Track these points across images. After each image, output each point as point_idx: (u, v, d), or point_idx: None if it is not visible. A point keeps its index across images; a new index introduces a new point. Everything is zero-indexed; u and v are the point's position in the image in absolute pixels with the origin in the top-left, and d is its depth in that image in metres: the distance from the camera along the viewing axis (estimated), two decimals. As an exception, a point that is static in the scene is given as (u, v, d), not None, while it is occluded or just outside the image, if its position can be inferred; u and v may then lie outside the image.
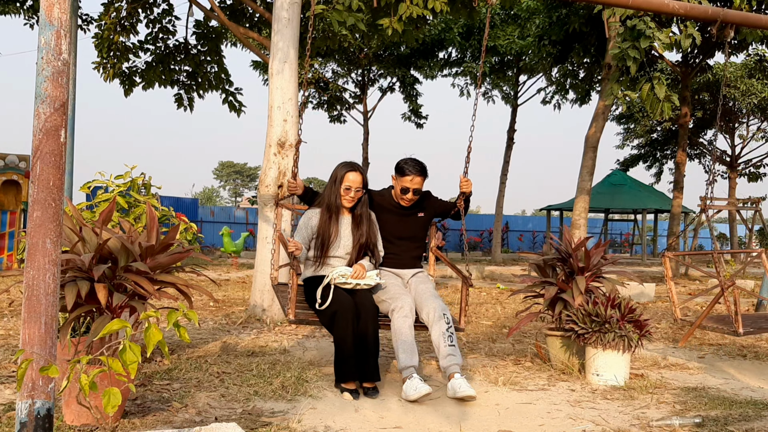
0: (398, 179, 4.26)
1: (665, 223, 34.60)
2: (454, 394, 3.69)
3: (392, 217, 4.31)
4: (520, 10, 17.38)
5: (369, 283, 3.96)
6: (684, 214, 23.81)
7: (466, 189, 4.26)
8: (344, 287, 3.92)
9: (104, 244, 3.25)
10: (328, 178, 4.22)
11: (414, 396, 3.64)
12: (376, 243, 4.23)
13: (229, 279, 11.32)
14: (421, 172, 4.23)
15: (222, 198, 75.92)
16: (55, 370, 2.11)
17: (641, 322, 4.25)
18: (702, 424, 3.33)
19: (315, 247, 4.13)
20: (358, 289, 3.95)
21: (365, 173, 4.17)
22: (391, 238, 4.30)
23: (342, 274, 3.91)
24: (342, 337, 3.79)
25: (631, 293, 9.52)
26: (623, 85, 9.95)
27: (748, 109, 20.36)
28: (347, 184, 4.09)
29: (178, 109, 11.94)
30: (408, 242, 4.35)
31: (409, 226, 4.35)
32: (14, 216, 11.49)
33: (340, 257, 4.11)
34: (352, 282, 3.91)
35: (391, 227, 4.30)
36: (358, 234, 4.12)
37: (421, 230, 4.41)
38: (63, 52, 2.28)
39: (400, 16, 7.54)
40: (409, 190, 4.22)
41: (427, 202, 4.40)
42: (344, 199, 4.11)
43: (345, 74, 21.89)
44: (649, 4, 3.92)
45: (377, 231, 4.25)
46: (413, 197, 4.26)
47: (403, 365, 3.81)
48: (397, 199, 4.31)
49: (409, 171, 4.21)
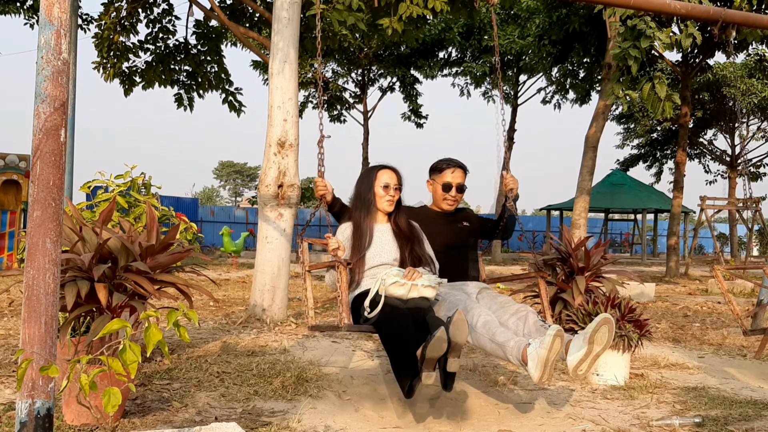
0: (437, 178, 3.85)
1: (665, 223, 34.61)
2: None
3: (437, 227, 3.77)
4: (520, 9, 17.40)
5: (428, 283, 3.21)
6: (684, 214, 23.82)
7: (513, 185, 3.73)
8: (396, 293, 3.17)
9: (104, 244, 3.24)
10: (355, 188, 3.64)
11: (547, 343, 2.84)
12: (426, 247, 3.59)
13: (229, 279, 11.32)
14: (461, 166, 3.84)
15: (222, 198, 75.98)
16: (55, 369, 2.11)
17: (641, 322, 4.25)
18: (702, 424, 3.33)
19: (352, 258, 3.43)
20: (412, 298, 3.18)
21: (400, 172, 3.64)
22: (439, 247, 3.67)
23: (394, 275, 3.20)
24: (401, 332, 2.99)
25: (631, 293, 9.52)
26: (624, 85, 9.96)
27: (748, 109, 20.37)
28: (384, 182, 3.54)
29: (178, 109, 11.95)
30: (457, 251, 3.82)
31: (458, 235, 3.83)
32: (14, 216, 11.49)
33: (387, 264, 3.44)
34: (408, 284, 3.17)
35: (439, 237, 3.73)
36: (404, 237, 3.53)
37: (470, 239, 3.89)
38: (63, 52, 2.28)
39: (400, 15, 7.55)
40: (452, 186, 3.79)
41: (469, 215, 3.99)
42: (383, 200, 3.54)
43: (345, 74, 21.90)
44: (650, 4, 3.91)
45: (423, 236, 3.63)
46: (457, 195, 3.82)
47: (513, 344, 3.01)
48: (439, 206, 3.88)
49: (447, 164, 3.82)
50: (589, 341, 2.90)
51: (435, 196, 3.90)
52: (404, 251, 3.49)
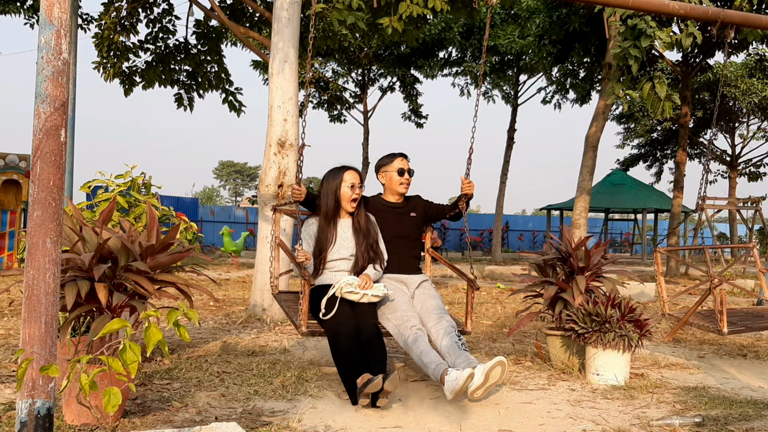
0: (389, 168, 4.27)
1: (665, 223, 34.62)
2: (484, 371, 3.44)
3: (387, 216, 4.28)
4: (520, 9, 17.38)
5: (377, 294, 3.81)
6: (684, 214, 23.82)
7: (468, 191, 4.24)
8: (350, 297, 3.76)
9: (104, 244, 3.25)
10: (322, 187, 4.13)
11: (461, 382, 3.37)
12: (379, 242, 4.14)
13: (229, 278, 11.32)
14: (404, 155, 4.31)
15: (222, 197, 75.96)
16: (55, 369, 2.11)
17: (641, 322, 4.25)
18: (702, 424, 3.33)
19: (314, 255, 4.03)
20: (363, 302, 3.79)
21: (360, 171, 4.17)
22: (390, 237, 4.25)
23: (350, 283, 3.76)
24: (346, 357, 3.60)
25: (631, 293, 9.52)
26: (624, 85, 9.96)
27: (749, 109, 20.37)
28: (351, 182, 4.03)
29: (178, 109, 11.95)
30: (405, 241, 4.30)
31: (405, 225, 4.31)
32: (14, 215, 11.49)
33: (345, 259, 4.01)
34: (360, 293, 3.75)
35: (388, 227, 4.26)
36: (361, 233, 4.04)
37: (416, 230, 4.37)
38: (63, 52, 2.28)
39: (400, 15, 7.55)
40: (405, 170, 4.24)
41: (417, 203, 4.40)
42: (348, 201, 4.03)
43: (345, 74, 21.89)
44: (649, 4, 3.91)
45: (378, 230, 4.19)
46: (410, 178, 4.27)
47: (434, 368, 3.59)
48: (395, 191, 4.29)
49: (394, 156, 4.27)
50: (485, 376, 3.42)
51: (391, 184, 4.30)
52: (360, 248, 4.03)
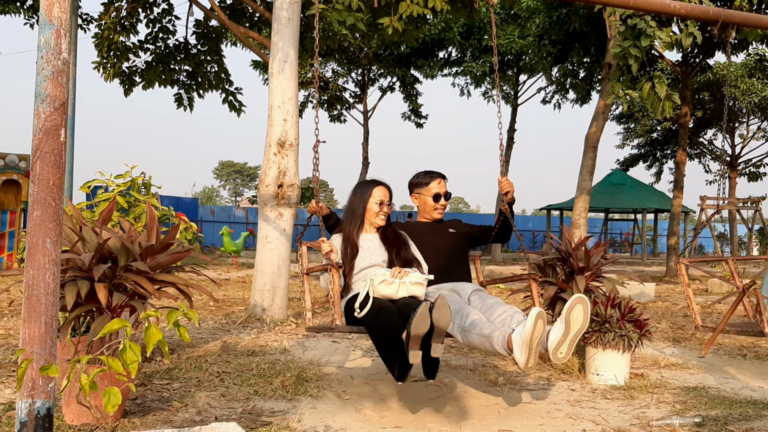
0: (424, 191, 4.00)
1: (665, 223, 34.61)
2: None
3: (428, 235, 3.91)
4: (520, 9, 17.38)
5: (416, 280, 3.26)
6: (684, 214, 23.81)
7: (509, 188, 3.69)
8: (386, 292, 3.23)
9: (104, 244, 3.24)
10: (349, 201, 3.76)
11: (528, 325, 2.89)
12: (415, 251, 3.69)
13: (229, 279, 11.32)
14: (442, 176, 4.02)
15: (222, 197, 75.97)
16: (55, 369, 2.11)
17: (641, 322, 4.25)
18: (702, 424, 3.33)
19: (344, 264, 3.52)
20: (401, 297, 3.23)
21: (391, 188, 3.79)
22: (435, 254, 3.81)
23: (382, 273, 3.24)
24: (387, 323, 3.06)
25: (631, 293, 9.52)
26: (624, 85, 9.96)
27: (749, 109, 20.37)
28: (379, 198, 3.66)
29: (178, 109, 11.96)
30: (447, 253, 3.89)
31: (445, 238, 3.94)
32: (14, 215, 11.49)
33: (377, 265, 3.53)
34: (395, 281, 3.22)
35: (432, 244, 3.86)
36: (391, 242, 3.64)
37: (457, 244, 3.97)
38: (63, 52, 2.28)
39: (400, 15, 7.55)
40: (441, 195, 3.97)
41: (457, 224, 4.09)
42: (377, 216, 3.66)
43: (345, 74, 21.90)
44: (649, 4, 3.91)
45: (410, 242, 3.74)
46: (445, 203, 4.00)
47: (498, 334, 3.05)
48: (429, 216, 4.02)
49: (431, 177, 3.99)
50: (566, 321, 2.93)
51: (425, 208, 4.03)
52: (392, 254, 3.59)
